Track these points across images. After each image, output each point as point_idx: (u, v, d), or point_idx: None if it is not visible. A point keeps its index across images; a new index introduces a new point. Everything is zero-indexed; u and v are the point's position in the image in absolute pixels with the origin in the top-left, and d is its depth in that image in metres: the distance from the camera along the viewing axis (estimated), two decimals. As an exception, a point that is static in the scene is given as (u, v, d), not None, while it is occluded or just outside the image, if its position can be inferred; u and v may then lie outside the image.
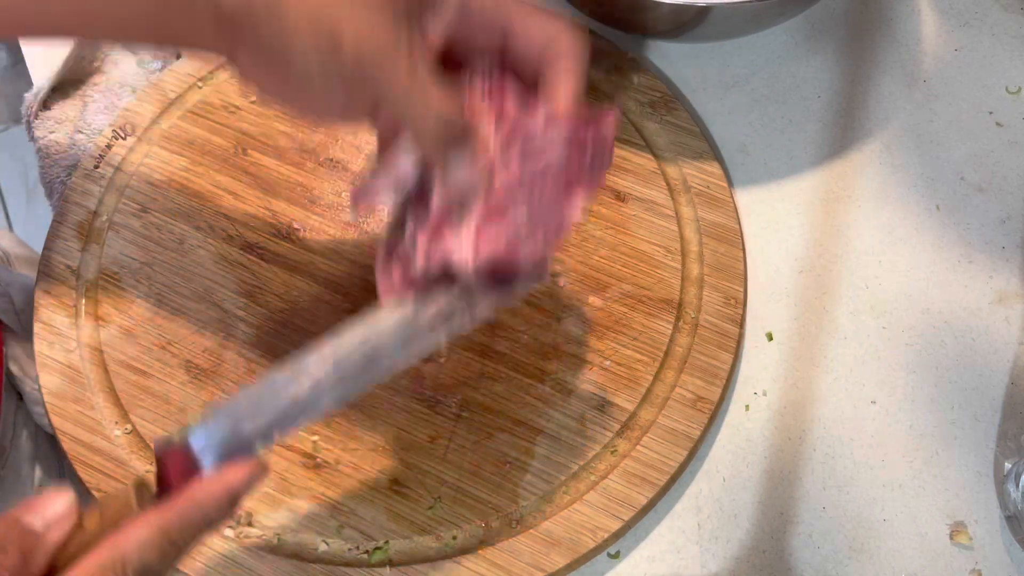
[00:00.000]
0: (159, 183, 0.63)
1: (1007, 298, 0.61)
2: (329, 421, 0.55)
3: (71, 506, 0.37)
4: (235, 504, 0.39)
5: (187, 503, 0.37)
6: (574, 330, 0.58)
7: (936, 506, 0.54)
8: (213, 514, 0.38)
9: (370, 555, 0.52)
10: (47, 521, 0.36)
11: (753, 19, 0.64)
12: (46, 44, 0.71)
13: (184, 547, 0.37)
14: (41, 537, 0.35)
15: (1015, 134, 0.66)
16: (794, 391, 0.58)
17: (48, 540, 0.36)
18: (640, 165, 0.64)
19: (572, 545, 0.52)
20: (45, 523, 0.36)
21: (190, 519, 0.37)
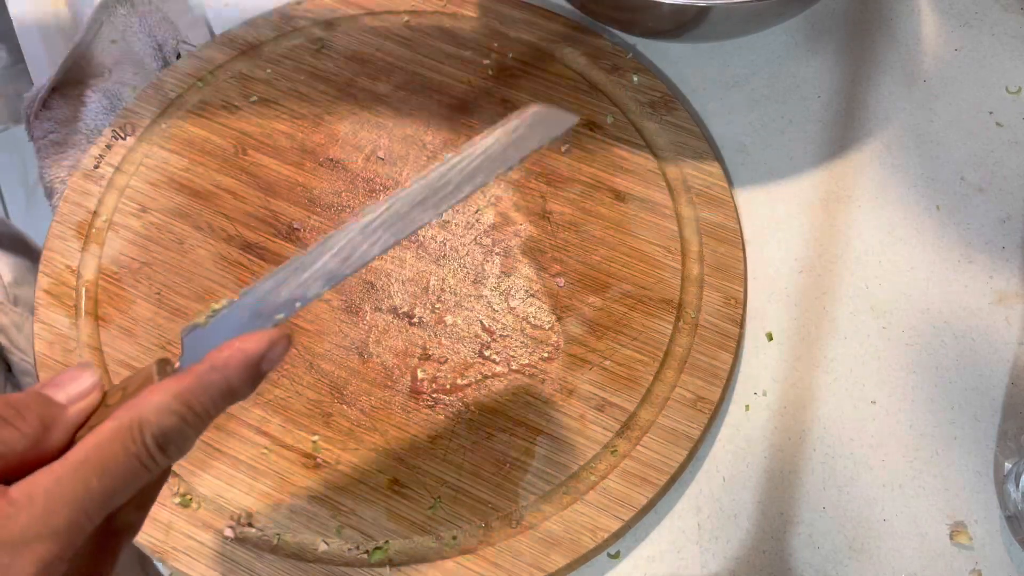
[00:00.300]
0: (159, 183, 0.63)
1: (1007, 298, 0.61)
2: (329, 421, 0.55)
3: (96, 383, 0.35)
4: (256, 373, 0.36)
5: (206, 368, 0.35)
6: (574, 330, 0.58)
7: (936, 506, 0.54)
8: (234, 381, 0.36)
9: (370, 555, 0.52)
10: (70, 396, 0.35)
11: (753, 19, 0.63)
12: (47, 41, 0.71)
13: (204, 415, 0.35)
14: (64, 409, 0.34)
15: (1015, 134, 0.66)
16: (794, 391, 0.58)
17: (70, 413, 0.34)
18: (640, 165, 0.64)
19: (572, 545, 0.52)
20: (68, 397, 0.35)
21: (209, 384, 0.35)
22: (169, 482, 0.54)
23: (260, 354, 0.36)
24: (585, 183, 0.63)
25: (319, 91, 0.67)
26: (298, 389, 0.56)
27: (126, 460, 0.33)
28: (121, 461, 0.33)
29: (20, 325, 0.63)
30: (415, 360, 0.57)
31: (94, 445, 0.33)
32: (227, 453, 0.55)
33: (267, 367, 0.37)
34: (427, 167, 0.43)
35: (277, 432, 0.55)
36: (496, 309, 0.59)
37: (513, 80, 0.68)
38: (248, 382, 0.36)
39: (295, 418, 0.56)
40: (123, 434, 0.33)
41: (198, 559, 0.52)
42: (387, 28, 0.70)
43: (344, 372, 0.57)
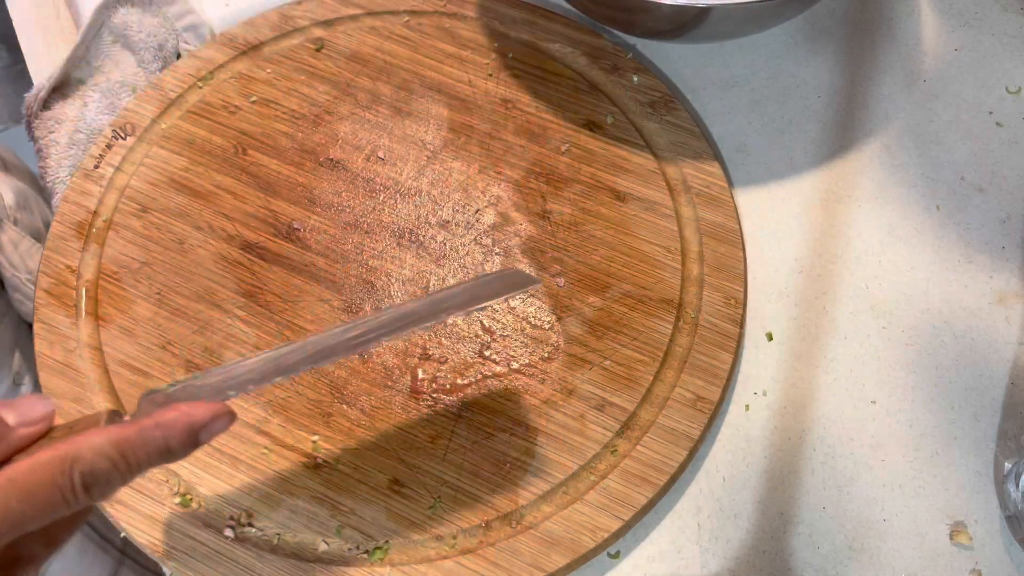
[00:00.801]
0: (159, 183, 0.63)
1: (1007, 298, 0.61)
2: (329, 421, 0.55)
3: (48, 414, 0.36)
4: (194, 439, 0.38)
5: (151, 424, 0.37)
6: (574, 330, 0.58)
7: (936, 506, 0.54)
8: (172, 442, 0.37)
9: (370, 555, 0.52)
10: (22, 419, 0.36)
11: (753, 20, 0.63)
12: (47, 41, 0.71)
13: (135, 467, 0.37)
14: (11, 430, 0.35)
15: (1015, 134, 0.66)
16: (794, 391, 0.58)
17: (16, 435, 0.35)
18: (640, 165, 0.64)
19: (572, 545, 0.52)
20: (19, 420, 0.35)
21: (150, 439, 0.37)
22: (169, 482, 0.54)
23: (203, 423, 0.38)
24: (585, 183, 0.63)
25: (319, 91, 0.67)
26: (298, 389, 0.56)
27: (50, 490, 0.34)
28: (45, 489, 0.34)
29: (17, 243, 0.63)
30: (415, 360, 0.57)
31: (26, 468, 0.34)
32: (227, 453, 0.55)
33: (205, 437, 0.39)
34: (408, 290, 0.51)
35: (277, 432, 0.55)
36: (496, 309, 0.59)
37: (513, 80, 0.68)
38: (185, 445, 0.38)
39: (295, 418, 0.56)
40: (55, 465, 0.34)
41: (198, 559, 0.52)
42: (387, 28, 0.70)
43: (344, 372, 0.57)
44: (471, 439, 0.55)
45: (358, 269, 0.60)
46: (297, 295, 0.59)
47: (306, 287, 0.60)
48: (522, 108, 0.66)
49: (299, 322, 0.58)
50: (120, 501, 0.53)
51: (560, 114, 0.66)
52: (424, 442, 0.55)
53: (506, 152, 0.65)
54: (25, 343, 0.68)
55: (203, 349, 0.58)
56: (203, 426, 0.39)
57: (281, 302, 0.59)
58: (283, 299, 0.59)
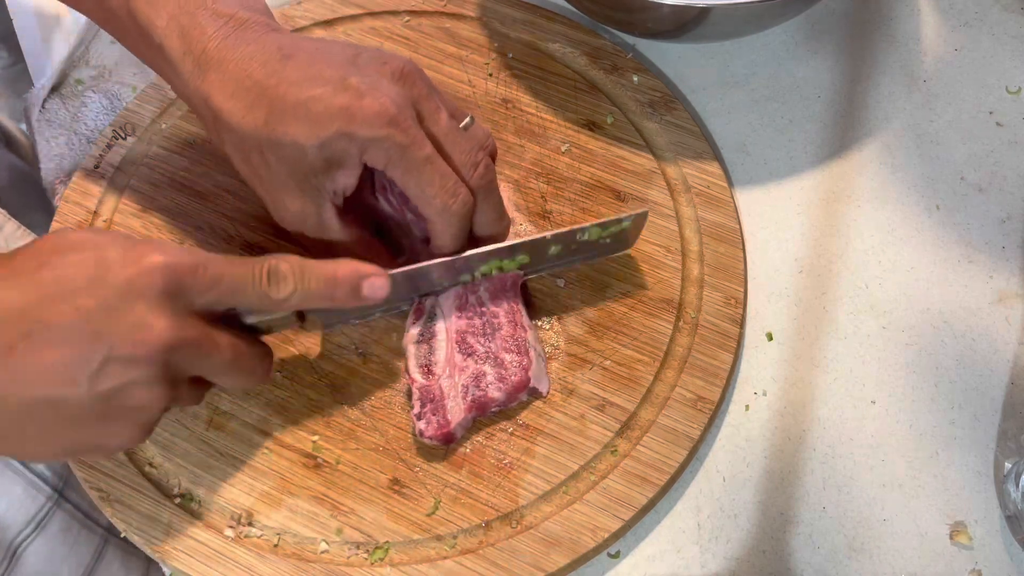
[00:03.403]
0: (159, 183, 0.63)
1: (1007, 298, 0.61)
2: (329, 421, 0.55)
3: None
4: (356, 285, 0.49)
5: (331, 261, 0.49)
6: (574, 330, 0.58)
7: (936, 506, 0.54)
8: (339, 274, 0.48)
9: (370, 555, 0.52)
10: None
11: (753, 20, 0.64)
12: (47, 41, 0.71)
13: (306, 280, 0.48)
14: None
15: (1015, 134, 0.66)
16: (794, 391, 0.58)
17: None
18: (640, 165, 0.64)
19: (572, 545, 0.52)
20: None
21: (320, 266, 0.48)
22: (169, 482, 0.54)
23: (366, 273, 0.49)
24: (585, 183, 0.63)
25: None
26: (298, 389, 0.56)
27: (247, 270, 0.47)
28: (246, 269, 0.47)
29: (1, 226, 0.63)
30: (415, 360, 0.57)
31: (241, 259, 0.47)
32: (227, 453, 0.55)
33: (368, 290, 0.49)
34: None
35: (277, 432, 0.55)
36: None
37: (513, 80, 0.68)
38: (349, 283, 0.49)
39: (295, 418, 0.56)
40: (257, 259, 0.47)
41: (198, 559, 0.52)
42: (387, 28, 0.70)
43: (344, 372, 0.57)
44: (471, 439, 0.55)
45: (358, 269, 0.60)
46: (297, 295, 0.59)
47: (306, 287, 0.60)
48: (522, 108, 0.66)
49: (299, 322, 0.58)
50: (120, 500, 0.53)
51: (560, 114, 0.66)
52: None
53: (506, 152, 0.64)
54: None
55: (203, 349, 0.58)
56: (366, 275, 0.49)
57: (281, 302, 0.59)
58: (283, 299, 0.59)
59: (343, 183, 0.52)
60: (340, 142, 0.49)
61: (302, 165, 0.50)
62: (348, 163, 0.51)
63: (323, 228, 0.53)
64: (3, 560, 0.57)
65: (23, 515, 0.59)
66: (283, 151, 0.50)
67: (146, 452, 0.55)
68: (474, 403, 0.53)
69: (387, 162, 0.50)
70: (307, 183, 0.51)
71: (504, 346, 0.54)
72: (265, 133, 0.50)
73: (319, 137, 0.49)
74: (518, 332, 0.55)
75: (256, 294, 0.47)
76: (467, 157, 0.53)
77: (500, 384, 0.53)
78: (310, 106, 0.49)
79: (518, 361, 0.54)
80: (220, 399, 0.56)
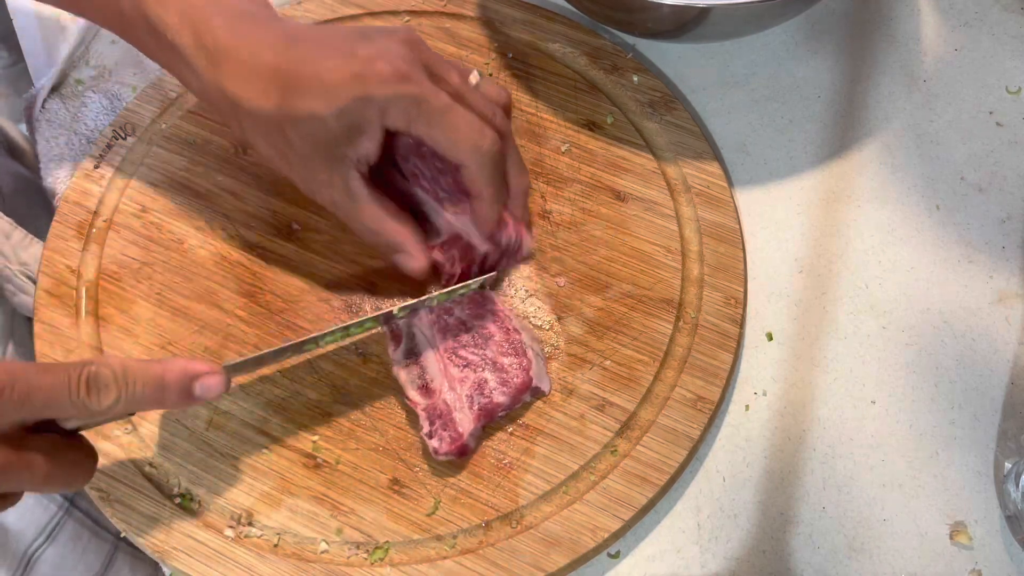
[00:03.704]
0: (159, 183, 0.63)
1: (1007, 298, 0.61)
2: (329, 421, 0.55)
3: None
4: (188, 387, 0.46)
5: (159, 360, 0.46)
6: (574, 330, 0.58)
7: (936, 506, 0.54)
8: (168, 377, 0.45)
9: (370, 555, 0.52)
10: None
11: (753, 20, 0.63)
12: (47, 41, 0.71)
13: (131, 385, 0.44)
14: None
15: (1015, 134, 0.66)
16: (794, 391, 0.58)
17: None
18: (640, 165, 0.64)
19: (572, 545, 0.52)
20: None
21: (148, 369, 0.45)
22: (169, 482, 0.54)
23: (197, 373, 0.46)
24: (585, 183, 0.63)
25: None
26: (298, 389, 0.56)
27: (62, 378, 0.42)
28: (59, 377, 0.42)
29: (9, 233, 0.64)
30: (415, 360, 0.57)
31: (52, 364, 0.43)
32: (227, 453, 0.55)
33: (200, 391, 0.46)
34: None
35: (277, 432, 0.55)
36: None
37: (513, 80, 0.68)
38: (180, 386, 0.45)
39: (295, 418, 0.56)
40: (72, 364, 0.43)
41: (198, 559, 0.52)
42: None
43: (344, 372, 0.57)
44: (476, 443, 0.55)
45: (358, 269, 0.60)
46: (297, 295, 0.59)
47: (306, 287, 0.60)
48: (522, 108, 0.66)
49: (299, 322, 0.58)
50: (120, 500, 0.53)
51: (560, 114, 0.66)
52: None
53: (506, 152, 0.65)
54: (18, 334, 0.68)
55: (203, 349, 0.58)
56: (197, 376, 0.46)
57: (281, 302, 0.59)
58: (283, 299, 0.59)
59: (366, 149, 0.52)
60: (358, 107, 0.50)
61: (324, 136, 0.51)
62: (368, 128, 0.51)
63: (353, 199, 0.54)
64: (18, 569, 0.58)
65: (35, 524, 0.60)
66: (303, 126, 0.51)
67: (146, 452, 0.55)
68: (482, 411, 0.53)
69: (408, 119, 0.51)
70: (331, 154, 0.52)
71: (500, 351, 0.54)
72: (284, 112, 0.51)
73: (336, 106, 0.50)
74: (512, 336, 0.55)
75: (74, 405, 0.43)
76: (486, 103, 0.54)
77: (503, 388, 0.53)
78: (323, 77, 0.50)
79: (518, 363, 0.54)
80: (220, 399, 0.56)
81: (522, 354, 0.54)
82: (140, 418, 0.55)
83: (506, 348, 0.54)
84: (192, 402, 0.46)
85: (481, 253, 0.57)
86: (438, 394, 0.54)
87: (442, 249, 0.57)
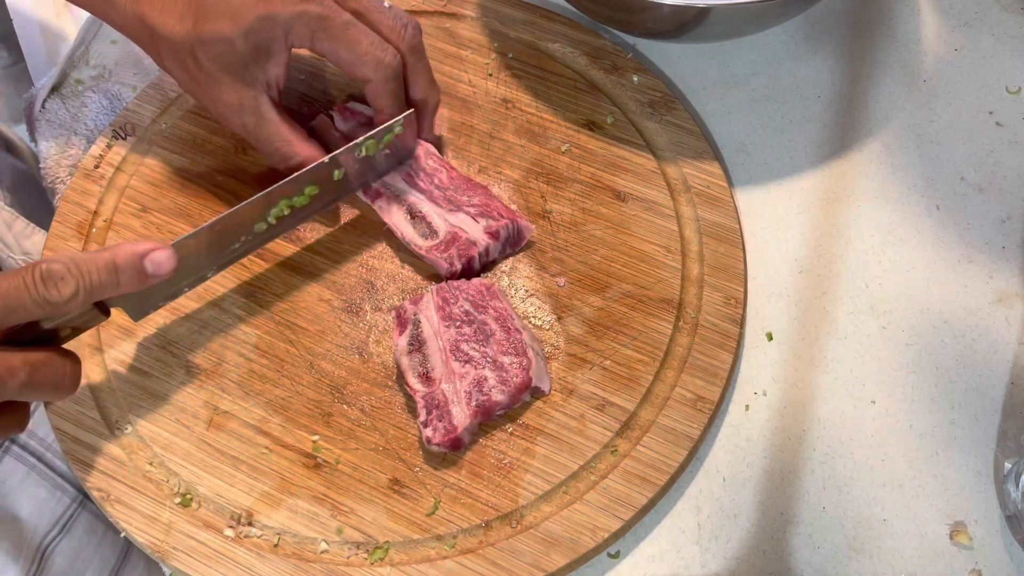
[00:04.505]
0: (159, 183, 0.63)
1: (1007, 298, 0.61)
2: (329, 421, 0.55)
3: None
4: (139, 265, 0.48)
5: (108, 248, 0.48)
6: (574, 329, 0.58)
7: (936, 506, 0.54)
8: (119, 258, 0.47)
9: (370, 555, 0.52)
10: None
11: (753, 20, 0.63)
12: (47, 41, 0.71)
13: (86, 274, 0.46)
14: None
15: (1015, 134, 0.66)
16: (794, 391, 0.58)
17: None
18: (640, 165, 0.64)
19: (572, 545, 0.52)
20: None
21: (98, 256, 0.47)
22: (169, 482, 0.54)
23: (146, 251, 0.48)
24: (585, 183, 0.63)
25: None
26: (298, 389, 0.56)
27: (18, 282, 0.44)
28: (16, 281, 0.44)
29: (11, 224, 0.65)
30: (415, 360, 0.57)
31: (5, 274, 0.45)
32: (227, 453, 0.55)
33: (151, 268, 0.48)
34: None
35: (277, 432, 0.55)
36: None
37: (513, 80, 0.68)
38: (131, 266, 0.48)
39: (295, 418, 0.56)
40: (24, 268, 0.45)
41: (198, 559, 0.52)
42: (387, 28, 0.70)
43: (344, 372, 0.57)
44: (471, 439, 0.55)
45: (358, 269, 0.60)
46: (297, 295, 0.59)
47: (306, 287, 0.60)
48: (522, 108, 0.66)
49: (299, 322, 0.58)
50: (120, 500, 0.53)
51: (560, 114, 0.66)
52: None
53: (506, 152, 0.65)
54: None
55: (203, 349, 0.58)
56: (145, 253, 0.48)
57: (281, 302, 0.59)
58: (283, 299, 0.59)
59: (274, 72, 0.56)
60: (263, 25, 0.54)
61: (232, 57, 0.55)
62: (275, 48, 0.55)
63: (261, 122, 0.57)
64: (33, 561, 0.58)
65: (49, 517, 0.60)
66: (213, 48, 0.54)
67: (146, 452, 0.55)
68: (479, 408, 0.53)
69: (311, 36, 0.55)
70: (240, 76, 0.55)
71: (501, 349, 0.54)
72: (195, 35, 0.54)
73: (242, 26, 0.54)
74: (513, 335, 0.55)
75: (35, 302, 0.45)
76: (393, 23, 0.57)
77: (503, 387, 0.53)
78: (231, 1, 0.54)
79: (518, 362, 0.54)
80: (220, 399, 0.56)
81: (522, 353, 0.54)
82: (138, 417, 0.55)
83: (507, 347, 0.54)
84: (146, 280, 0.49)
85: (481, 248, 0.58)
86: (437, 383, 0.54)
87: (441, 250, 0.58)
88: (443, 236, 0.58)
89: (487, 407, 0.53)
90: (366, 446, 0.55)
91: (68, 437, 0.55)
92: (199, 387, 0.57)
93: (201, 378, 0.57)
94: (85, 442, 0.55)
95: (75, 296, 0.46)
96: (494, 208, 0.59)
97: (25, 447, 0.61)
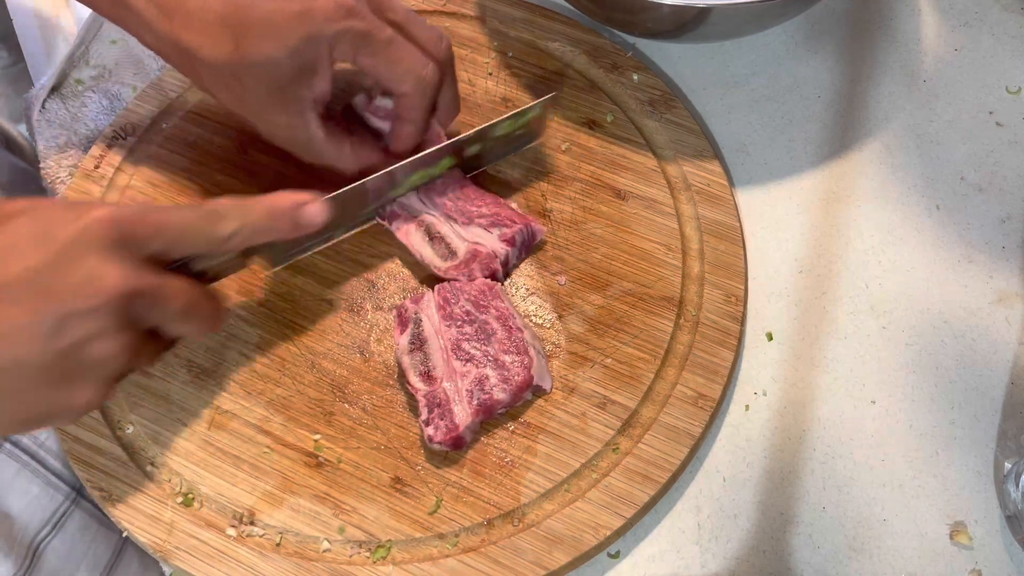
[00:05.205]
0: (159, 183, 0.63)
1: (1007, 298, 0.61)
2: (331, 420, 0.55)
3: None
4: (294, 214, 0.50)
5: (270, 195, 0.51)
6: (575, 328, 0.58)
7: (936, 506, 0.54)
8: (277, 206, 0.50)
9: (372, 554, 0.52)
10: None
11: (753, 20, 0.64)
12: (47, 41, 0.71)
13: (251, 215, 0.49)
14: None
15: (1015, 134, 0.67)
16: (794, 391, 0.58)
17: None
18: (640, 163, 0.64)
19: (574, 543, 0.52)
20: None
21: (259, 200, 0.50)
22: (172, 481, 0.54)
23: (302, 201, 0.51)
24: (585, 181, 0.63)
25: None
26: (300, 388, 0.56)
27: (196, 213, 0.47)
28: (195, 213, 0.47)
29: None
30: (416, 359, 0.57)
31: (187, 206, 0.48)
32: (229, 452, 0.55)
33: (305, 219, 0.51)
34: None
35: (279, 431, 0.55)
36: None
37: (513, 79, 0.68)
38: (290, 215, 0.50)
39: (297, 417, 0.56)
40: (201, 205, 0.48)
41: (200, 558, 0.52)
42: (388, 28, 0.70)
43: (346, 371, 0.57)
44: (473, 437, 0.55)
45: (358, 269, 0.60)
46: (297, 295, 0.59)
47: (306, 287, 0.60)
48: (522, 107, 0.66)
49: (299, 321, 0.58)
50: (121, 500, 0.53)
51: (560, 112, 0.66)
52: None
53: (507, 151, 0.65)
54: None
55: (204, 349, 0.58)
56: (302, 203, 0.50)
57: (281, 302, 0.59)
58: (283, 299, 0.59)
59: (319, 88, 0.55)
60: (308, 45, 0.52)
61: (278, 78, 0.53)
62: (320, 65, 0.54)
63: (311, 139, 0.56)
64: (25, 559, 0.58)
65: (41, 514, 0.60)
66: (257, 70, 0.53)
67: (148, 452, 0.55)
68: (480, 407, 0.53)
69: (355, 52, 0.54)
70: (286, 96, 0.54)
71: (502, 348, 0.54)
72: (237, 58, 0.52)
73: (287, 46, 0.52)
74: (514, 334, 0.55)
75: (203, 235, 0.48)
76: (430, 34, 0.56)
77: (504, 385, 0.53)
78: (272, 19, 0.52)
79: (519, 361, 0.54)
80: (221, 398, 0.56)
81: (524, 352, 0.54)
82: (138, 417, 0.55)
83: (508, 346, 0.55)
84: (299, 229, 0.51)
85: (502, 258, 0.58)
86: (439, 381, 0.54)
87: (462, 268, 0.58)
88: (463, 256, 0.58)
89: (489, 405, 0.53)
90: (368, 445, 0.55)
91: (69, 436, 0.55)
92: (200, 387, 0.57)
93: (202, 378, 0.57)
94: (86, 442, 0.55)
95: (236, 234, 0.48)
96: (505, 215, 0.59)
97: (17, 444, 0.61)
